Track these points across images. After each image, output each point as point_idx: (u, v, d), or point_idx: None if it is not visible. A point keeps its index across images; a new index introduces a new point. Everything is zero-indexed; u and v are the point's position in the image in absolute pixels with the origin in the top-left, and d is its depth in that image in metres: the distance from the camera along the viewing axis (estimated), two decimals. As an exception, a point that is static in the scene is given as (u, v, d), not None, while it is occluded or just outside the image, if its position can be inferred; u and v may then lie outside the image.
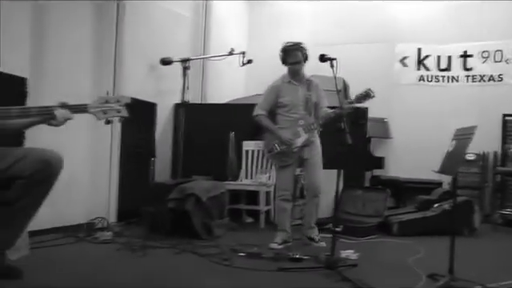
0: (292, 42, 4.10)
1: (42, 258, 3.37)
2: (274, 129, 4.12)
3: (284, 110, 4.13)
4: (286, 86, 4.14)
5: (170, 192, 4.40)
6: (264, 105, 4.20)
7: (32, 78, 3.92)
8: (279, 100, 4.14)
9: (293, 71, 4.11)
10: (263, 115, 4.17)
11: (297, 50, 4.04)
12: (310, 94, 4.11)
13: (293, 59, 4.05)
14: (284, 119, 4.14)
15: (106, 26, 4.86)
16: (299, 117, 4.08)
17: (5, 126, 1.99)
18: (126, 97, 2.06)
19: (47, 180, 1.81)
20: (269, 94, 4.21)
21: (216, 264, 3.43)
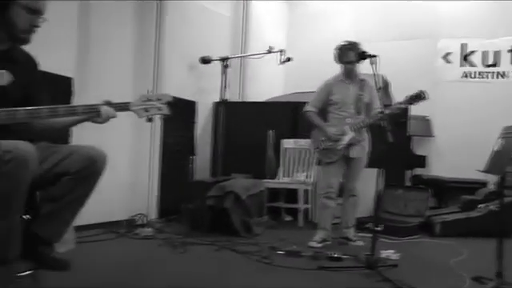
0: (347, 42, 4.05)
1: (87, 252, 3.49)
2: (322, 125, 4.13)
3: (334, 108, 4.13)
4: (339, 84, 4.13)
5: (210, 190, 4.44)
6: (315, 102, 4.21)
7: (77, 78, 4.04)
8: (330, 97, 4.14)
9: (346, 70, 4.08)
10: (313, 112, 4.18)
11: (351, 50, 3.98)
12: (361, 94, 4.08)
13: (346, 59, 4.02)
14: (333, 117, 4.14)
15: (146, 25, 4.96)
16: (348, 115, 4.06)
17: (53, 124, 2.06)
18: (167, 95, 2.09)
19: (92, 177, 1.86)
20: (321, 91, 4.22)
21: (255, 262, 3.44)
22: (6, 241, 1.65)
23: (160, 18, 5.05)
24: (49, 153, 1.85)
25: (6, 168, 1.57)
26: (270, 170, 5.55)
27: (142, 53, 4.93)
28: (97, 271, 3.03)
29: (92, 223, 4.14)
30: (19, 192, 1.62)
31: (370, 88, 4.08)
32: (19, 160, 1.58)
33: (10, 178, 1.58)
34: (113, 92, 2.09)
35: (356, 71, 4.10)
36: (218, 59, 5.35)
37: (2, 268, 1.66)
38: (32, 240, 1.82)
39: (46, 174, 1.81)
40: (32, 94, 2.05)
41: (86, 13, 4.22)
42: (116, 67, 4.61)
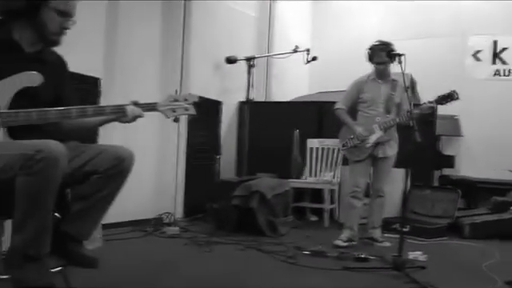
0: (380, 41, 4.01)
1: (114, 250, 3.54)
2: (350, 123, 4.11)
3: (363, 106, 4.11)
4: (370, 82, 4.11)
5: (235, 189, 4.45)
6: (345, 99, 4.20)
7: (104, 78, 4.11)
8: (360, 96, 4.12)
9: (378, 71, 4.05)
10: (342, 109, 4.17)
11: (383, 51, 3.93)
12: (393, 94, 4.05)
13: (378, 59, 3.98)
14: (362, 115, 4.12)
15: (173, 25, 5.01)
16: (377, 114, 4.03)
17: (82, 124, 2.11)
18: (194, 95, 2.10)
19: (120, 175, 1.88)
20: (351, 89, 4.20)
21: (280, 262, 3.43)
22: (38, 238, 1.69)
23: (186, 18, 5.09)
24: (78, 152, 1.89)
25: (38, 167, 1.60)
26: (296, 170, 5.53)
27: (169, 53, 4.99)
28: (124, 269, 3.08)
29: (119, 221, 4.20)
30: (50, 190, 1.66)
31: (402, 88, 4.04)
32: (50, 159, 1.62)
33: (42, 177, 1.62)
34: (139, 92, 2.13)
35: (388, 71, 4.06)
36: (244, 59, 5.36)
37: (35, 264, 1.69)
38: (62, 237, 1.86)
39: (76, 172, 1.85)
40: (62, 95, 2.09)
41: (113, 14, 4.29)
42: (143, 67, 4.66)
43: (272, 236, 4.29)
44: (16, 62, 1.88)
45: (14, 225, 1.72)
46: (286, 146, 5.60)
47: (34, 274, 1.68)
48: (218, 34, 5.57)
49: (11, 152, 1.68)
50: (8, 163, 1.66)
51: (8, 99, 1.82)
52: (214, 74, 5.61)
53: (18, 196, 1.65)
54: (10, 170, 1.65)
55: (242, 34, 6.16)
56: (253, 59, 5.35)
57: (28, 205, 1.66)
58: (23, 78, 1.86)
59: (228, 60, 5.38)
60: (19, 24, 1.93)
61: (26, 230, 1.68)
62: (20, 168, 1.63)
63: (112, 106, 1.99)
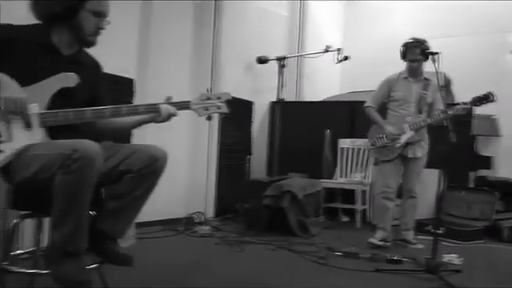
0: (414, 39, 3.94)
1: (147, 249, 3.60)
2: (380, 122, 4.05)
3: (394, 105, 4.05)
4: (401, 81, 4.04)
5: (266, 189, 4.46)
6: (375, 97, 4.16)
7: (138, 79, 4.18)
8: (391, 94, 4.07)
9: (410, 68, 3.98)
10: (372, 107, 4.12)
11: (417, 48, 3.87)
12: (425, 93, 3.98)
13: (411, 56, 3.92)
14: (393, 114, 4.07)
15: (204, 25, 5.06)
16: (408, 113, 3.97)
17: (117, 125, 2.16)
18: (226, 93, 2.11)
19: (154, 175, 1.91)
20: (382, 87, 4.15)
21: (312, 262, 3.42)
22: (75, 235, 1.73)
23: (217, 19, 5.13)
24: (113, 152, 1.92)
25: (74, 166, 1.64)
26: (327, 170, 5.50)
27: (200, 53, 5.03)
28: (156, 267, 3.12)
29: (152, 220, 4.27)
30: (86, 189, 1.69)
31: (434, 88, 3.96)
32: (86, 159, 1.65)
33: (78, 176, 1.66)
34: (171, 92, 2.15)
35: (421, 70, 3.99)
36: (275, 59, 5.36)
37: (73, 260, 1.74)
38: (97, 235, 1.90)
39: (111, 172, 1.88)
40: (97, 95, 2.14)
41: (146, 15, 4.36)
42: (175, 67, 4.72)
43: (303, 236, 4.28)
44: (54, 64, 1.94)
45: (52, 222, 1.77)
46: (317, 146, 5.58)
47: (72, 270, 1.72)
48: (249, 34, 5.59)
49: (50, 152, 1.73)
50: (47, 163, 1.71)
51: (47, 100, 1.88)
52: (246, 74, 5.62)
53: (56, 194, 1.70)
54: (49, 170, 1.70)
55: (273, 33, 6.16)
56: (284, 59, 5.34)
57: (65, 203, 1.70)
58: (60, 80, 1.91)
59: (259, 60, 5.39)
60: (57, 27, 1.99)
61: (63, 227, 1.73)
62: (58, 167, 1.67)
63: (146, 105, 2.02)
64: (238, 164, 5.48)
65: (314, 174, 5.25)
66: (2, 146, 1.78)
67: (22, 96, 1.79)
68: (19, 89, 1.81)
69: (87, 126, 2.08)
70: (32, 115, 1.83)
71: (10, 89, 1.78)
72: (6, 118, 1.79)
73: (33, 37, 1.94)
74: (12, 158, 1.79)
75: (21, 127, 1.82)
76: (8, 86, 1.79)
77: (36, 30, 1.97)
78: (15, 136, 1.81)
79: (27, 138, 1.82)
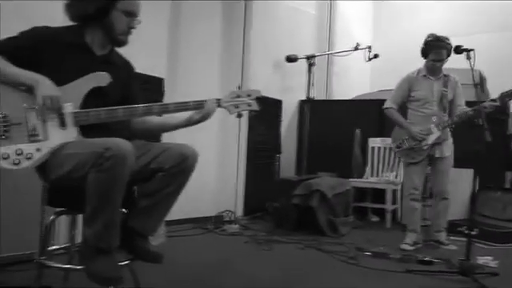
0: (436, 36, 3.80)
1: (177, 246, 3.64)
2: (405, 123, 3.95)
3: (416, 105, 3.94)
4: (421, 79, 3.93)
5: (295, 188, 4.44)
6: (395, 98, 4.04)
7: (167, 78, 4.23)
8: (411, 94, 3.95)
9: (432, 67, 3.87)
10: (393, 108, 4.02)
11: (443, 48, 3.74)
12: (445, 90, 3.87)
13: (436, 56, 3.78)
14: (415, 114, 3.95)
15: (233, 24, 5.08)
16: (432, 113, 3.86)
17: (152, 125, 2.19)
18: (256, 90, 2.12)
19: (184, 173, 1.93)
20: (401, 86, 4.03)
21: (341, 262, 3.39)
22: (107, 232, 1.77)
23: (247, 17, 5.14)
24: (144, 150, 1.95)
25: (107, 164, 1.68)
26: (357, 169, 5.45)
27: (229, 52, 5.06)
28: (186, 265, 3.15)
29: (181, 218, 4.32)
30: (118, 187, 1.73)
31: (454, 84, 3.87)
32: (119, 157, 1.68)
33: (111, 174, 1.69)
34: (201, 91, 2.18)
35: (441, 67, 3.89)
36: (304, 57, 5.34)
37: (105, 257, 1.77)
38: (129, 232, 1.93)
39: (142, 170, 1.91)
40: (129, 95, 2.17)
41: (176, 15, 4.40)
42: (204, 66, 4.76)
43: (332, 236, 4.25)
44: (87, 64, 1.98)
45: (85, 219, 1.81)
46: (346, 145, 5.53)
47: (105, 266, 1.76)
48: (278, 32, 5.59)
49: (83, 150, 1.76)
50: (80, 161, 1.75)
51: (80, 99, 1.92)
52: (275, 72, 5.62)
53: (89, 192, 1.74)
54: (82, 168, 1.74)
55: (302, 32, 6.14)
56: (313, 57, 5.31)
57: (98, 200, 1.74)
58: (93, 79, 1.95)
59: (288, 59, 5.37)
60: (90, 28, 2.03)
61: (96, 225, 1.76)
62: (91, 166, 1.71)
63: (175, 104, 2.04)
64: (267, 163, 5.48)
65: (344, 173, 5.21)
66: (39, 144, 1.83)
67: (57, 93, 1.84)
68: (55, 88, 1.85)
69: (120, 124, 2.12)
70: (66, 114, 1.88)
71: (46, 88, 1.83)
72: (43, 117, 1.84)
73: (67, 38, 1.98)
74: (48, 156, 1.84)
75: (56, 126, 1.86)
76: (44, 85, 1.84)
77: (70, 31, 2.02)
78: (51, 135, 1.85)
79: (62, 137, 1.87)
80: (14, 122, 1.81)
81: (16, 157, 1.79)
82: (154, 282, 2.56)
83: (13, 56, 1.87)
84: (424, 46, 3.87)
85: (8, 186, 2.78)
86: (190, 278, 2.89)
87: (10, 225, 2.80)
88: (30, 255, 2.71)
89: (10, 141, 1.80)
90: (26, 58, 1.89)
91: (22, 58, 1.88)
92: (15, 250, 2.82)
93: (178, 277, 2.86)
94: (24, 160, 1.81)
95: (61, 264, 1.99)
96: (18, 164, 1.80)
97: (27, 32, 1.94)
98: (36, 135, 1.83)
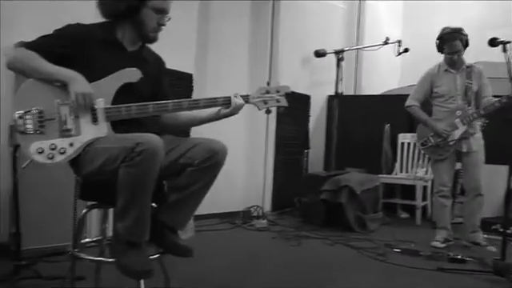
0: (450, 29, 3.73)
1: (205, 241, 3.66)
2: (428, 120, 3.85)
3: (440, 101, 3.84)
4: (443, 74, 3.83)
5: (324, 183, 4.41)
6: (417, 95, 3.94)
7: (196, 74, 4.25)
8: (434, 90, 3.85)
9: (450, 61, 3.77)
10: (416, 106, 3.92)
11: (455, 39, 3.67)
12: (470, 83, 3.74)
13: (450, 49, 3.71)
14: (440, 110, 3.84)
15: (262, 20, 5.07)
16: (456, 107, 3.74)
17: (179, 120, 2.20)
18: (285, 86, 2.12)
19: (214, 168, 1.93)
20: (422, 83, 3.93)
21: (370, 258, 3.36)
22: (138, 226, 1.78)
23: (275, 13, 5.12)
24: (174, 145, 1.96)
25: (138, 159, 1.69)
26: (386, 165, 5.38)
27: (257, 48, 5.05)
28: (214, 259, 3.17)
29: (210, 213, 4.35)
30: (149, 181, 1.73)
31: (478, 74, 3.74)
32: (149, 152, 1.69)
33: (141, 168, 1.70)
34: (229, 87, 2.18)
35: (462, 59, 3.77)
36: (333, 52, 5.28)
37: (136, 250, 1.79)
38: (159, 227, 1.94)
39: (172, 165, 1.92)
40: (159, 90, 2.19)
41: (205, 11, 4.42)
42: (232, 63, 4.77)
43: (361, 232, 4.21)
44: (119, 60, 2.00)
45: (116, 213, 1.83)
46: (376, 141, 5.47)
47: (135, 260, 1.77)
48: (306, 27, 5.55)
49: (114, 145, 1.78)
50: (111, 156, 1.76)
51: (112, 95, 1.94)
52: (303, 67, 5.59)
53: (120, 186, 1.75)
54: (113, 163, 1.75)
55: (331, 26, 6.08)
56: (342, 52, 5.24)
57: (129, 194, 1.75)
58: (124, 75, 1.97)
59: (317, 53, 5.32)
60: (121, 24, 2.05)
61: (126, 219, 1.78)
62: (122, 160, 1.73)
63: (206, 100, 2.05)
64: (296, 158, 5.47)
65: (373, 169, 5.15)
66: (72, 139, 1.86)
67: (90, 90, 1.87)
68: (88, 85, 1.88)
69: (150, 120, 2.14)
70: (98, 110, 1.90)
71: (79, 84, 1.86)
72: (76, 113, 1.87)
73: (99, 34, 2.01)
74: (80, 151, 1.87)
75: (88, 122, 1.89)
76: (78, 81, 1.86)
77: (102, 27, 2.04)
78: (83, 130, 1.88)
79: (94, 132, 1.89)
80: (49, 117, 1.85)
81: (50, 151, 1.83)
82: (182, 276, 2.58)
83: (47, 53, 1.91)
84: (438, 40, 3.79)
85: (43, 181, 2.86)
86: (218, 272, 2.91)
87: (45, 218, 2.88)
88: (63, 247, 2.78)
89: (45, 136, 1.83)
90: (60, 55, 1.92)
91: (56, 55, 1.92)
92: (50, 242, 2.90)
93: (206, 271, 2.88)
94: (58, 154, 1.84)
95: (93, 256, 2.02)
96: (52, 158, 1.84)
97: (61, 30, 1.98)
98: (69, 130, 1.86)
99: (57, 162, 1.85)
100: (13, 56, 1.93)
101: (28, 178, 2.71)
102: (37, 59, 1.88)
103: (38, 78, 1.87)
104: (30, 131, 1.82)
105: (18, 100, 1.85)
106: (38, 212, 2.84)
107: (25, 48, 1.91)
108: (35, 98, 1.86)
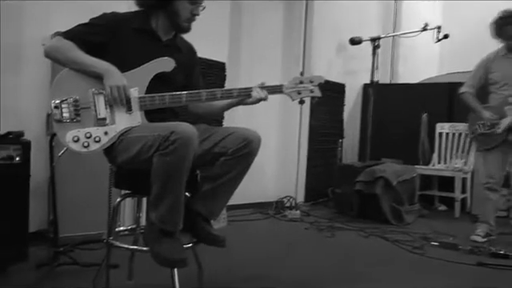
0: (508, 12, 3.56)
1: (237, 231, 3.68)
2: (477, 107, 3.72)
3: (495, 88, 3.70)
4: (500, 59, 3.68)
5: (358, 174, 4.36)
6: (471, 81, 3.81)
7: (229, 63, 4.25)
8: (489, 76, 3.71)
9: (508, 45, 3.62)
10: (469, 93, 3.78)
11: (509, 24, 3.51)
12: None
13: (507, 33, 3.55)
14: (494, 97, 3.71)
15: (296, 7, 5.01)
16: (509, 94, 3.59)
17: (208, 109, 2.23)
18: (319, 76, 2.10)
19: (248, 157, 1.93)
20: (477, 69, 3.80)
21: (406, 252, 3.30)
22: (172, 214, 1.80)
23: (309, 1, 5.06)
24: (207, 134, 1.98)
25: (172, 147, 1.70)
26: (423, 156, 5.28)
27: (291, 35, 5.01)
28: (246, 250, 3.19)
29: (242, 203, 4.36)
30: (183, 170, 1.74)
31: None
32: (183, 140, 1.70)
33: (175, 157, 1.71)
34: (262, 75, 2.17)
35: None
36: (369, 39, 5.17)
37: (170, 239, 1.81)
38: (192, 216, 1.96)
39: (205, 154, 1.93)
40: (192, 80, 2.21)
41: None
42: (266, 50, 4.75)
43: (397, 224, 4.15)
44: (153, 48, 2.03)
45: (150, 202, 1.85)
46: (412, 131, 5.37)
47: (170, 248, 1.79)
48: (341, 14, 5.46)
49: (148, 134, 1.80)
50: (146, 145, 1.78)
51: (146, 84, 1.96)
52: (338, 55, 5.52)
53: (154, 175, 1.77)
54: (147, 151, 1.77)
55: (367, 13, 5.97)
56: (378, 39, 5.14)
57: (162, 183, 1.77)
58: (158, 64, 1.99)
59: (352, 41, 5.22)
60: (155, 14, 2.08)
61: (160, 207, 1.80)
62: (156, 149, 1.74)
63: (239, 89, 2.05)
64: (330, 148, 5.43)
65: (409, 160, 5.06)
66: (106, 128, 1.89)
67: (124, 83, 1.90)
68: (121, 76, 1.91)
69: (183, 109, 2.16)
70: (132, 99, 1.93)
71: (113, 77, 1.89)
72: (110, 104, 1.90)
73: (134, 23, 2.04)
74: (115, 140, 1.90)
75: (122, 111, 1.92)
76: (112, 74, 1.90)
77: (137, 16, 2.07)
78: (117, 119, 1.91)
79: (128, 121, 1.92)
80: (84, 106, 1.89)
81: (85, 140, 1.87)
82: (215, 265, 2.60)
83: (83, 42, 1.95)
84: (492, 25, 3.63)
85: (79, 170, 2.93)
86: (251, 262, 2.92)
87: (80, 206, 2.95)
88: (97, 235, 2.85)
89: (81, 124, 1.87)
90: (96, 44, 1.97)
91: (92, 44, 1.96)
92: (85, 230, 2.98)
93: (238, 261, 2.89)
94: (93, 143, 1.88)
95: (127, 245, 2.05)
96: (88, 147, 1.87)
97: (97, 18, 2.02)
98: (103, 119, 1.90)
99: (92, 151, 1.88)
100: (50, 46, 1.98)
101: (64, 166, 2.78)
102: (73, 50, 1.93)
103: (74, 68, 1.91)
104: (66, 120, 1.87)
105: (55, 89, 1.90)
106: (74, 200, 2.92)
107: (62, 37, 1.95)
108: (71, 87, 1.90)
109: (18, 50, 2.99)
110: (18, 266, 2.46)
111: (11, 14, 2.90)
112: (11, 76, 2.94)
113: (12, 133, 2.54)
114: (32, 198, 2.57)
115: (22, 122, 2.87)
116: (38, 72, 3.01)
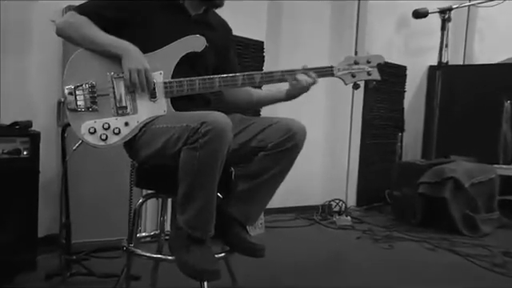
0: None
1: (277, 239, 3.71)
2: None
3: None
4: None
5: (422, 174, 4.33)
6: None
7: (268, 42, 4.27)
8: None
9: None
10: None
11: None
12: None
13: None
14: None
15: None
16: None
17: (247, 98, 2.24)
18: (378, 56, 2.07)
19: (291, 152, 1.92)
20: None
21: (483, 269, 3.26)
22: (202, 219, 1.82)
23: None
24: (244, 126, 1.99)
25: (203, 141, 1.70)
26: (505, 153, 5.18)
27: (343, 8, 4.98)
28: (288, 261, 3.22)
29: (283, 207, 4.40)
30: (215, 167, 1.75)
31: None
32: (216, 132, 1.70)
33: (207, 152, 1.71)
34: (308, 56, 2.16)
35: None
36: (437, 11, 5.10)
37: (199, 247, 1.81)
38: (226, 221, 1.98)
39: (241, 148, 1.95)
40: (225, 61, 2.23)
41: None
42: (311, 27, 4.74)
43: (470, 235, 4.11)
44: (181, 25, 2.06)
45: (177, 204, 1.87)
46: (491, 122, 5.29)
47: (199, 258, 1.79)
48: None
49: (176, 125, 1.82)
50: (172, 137, 1.80)
51: (172, 67, 1.98)
52: (398, 32, 5.48)
53: (182, 172, 1.79)
54: (175, 145, 1.79)
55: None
56: (449, 11, 5.06)
57: (191, 182, 1.78)
58: (187, 43, 2.01)
59: (416, 14, 5.15)
60: (182, -15, 2.10)
61: (188, 210, 1.82)
62: (184, 142, 1.76)
63: (281, 72, 2.05)
64: (387, 143, 5.41)
65: (486, 158, 4.98)
66: (127, 118, 1.93)
67: (146, 66, 1.92)
68: (143, 58, 1.93)
69: (215, 95, 2.18)
70: (157, 84, 1.96)
71: (133, 59, 1.91)
72: (131, 90, 1.94)
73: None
74: (136, 131, 1.93)
75: (146, 98, 1.95)
76: (132, 55, 1.92)
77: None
78: (140, 107, 1.94)
79: (152, 110, 1.95)
80: (102, 92, 1.92)
81: (103, 131, 1.90)
82: (250, 278, 2.64)
83: (100, 17, 1.98)
84: None
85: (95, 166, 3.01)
86: (292, 276, 2.95)
87: (96, 208, 3.03)
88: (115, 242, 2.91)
89: (98, 114, 1.90)
90: (114, 20, 2.00)
91: (108, 19, 1.99)
92: (101, 236, 3.06)
93: (277, 274, 2.93)
94: (112, 135, 1.91)
95: (149, 253, 2.09)
96: (106, 140, 1.91)
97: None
98: (124, 108, 1.93)
99: (110, 144, 1.91)
100: (62, 22, 2.02)
101: (78, 162, 2.84)
102: (89, 26, 1.96)
103: (89, 48, 1.95)
104: (81, 108, 1.89)
105: (68, 73, 1.92)
106: (89, 201, 2.99)
107: (75, 12, 1.99)
108: (87, 70, 1.92)
109: (23, 28, 3.05)
110: (26, 276, 2.54)
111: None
112: (16, 58, 3.01)
113: (18, 123, 2.58)
114: (41, 198, 2.64)
115: (30, 110, 2.96)
116: (47, 53, 3.09)
